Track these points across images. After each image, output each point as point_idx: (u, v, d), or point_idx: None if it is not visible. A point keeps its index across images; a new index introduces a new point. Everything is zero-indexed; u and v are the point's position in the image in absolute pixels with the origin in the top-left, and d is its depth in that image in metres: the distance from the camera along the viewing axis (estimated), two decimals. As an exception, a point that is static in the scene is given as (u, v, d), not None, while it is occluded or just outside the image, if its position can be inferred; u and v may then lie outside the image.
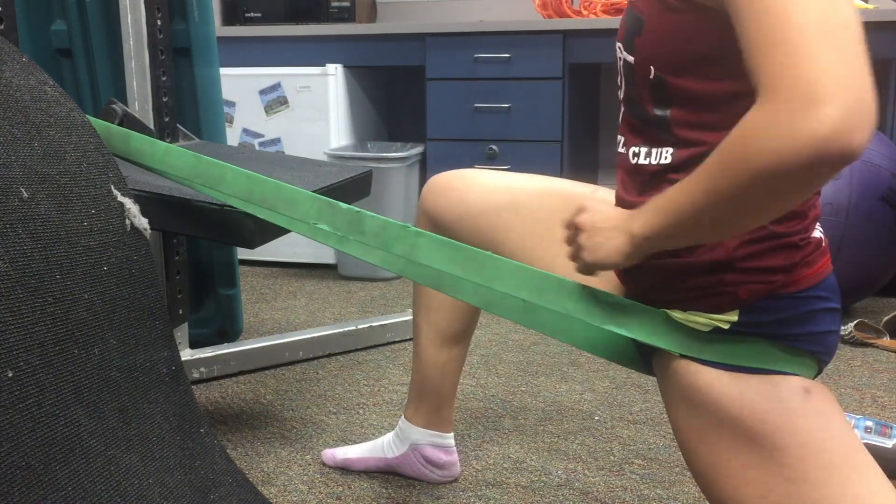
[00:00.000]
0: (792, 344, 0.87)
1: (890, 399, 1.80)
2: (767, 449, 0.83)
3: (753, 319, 0.86)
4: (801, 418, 0.84)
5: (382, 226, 1.02)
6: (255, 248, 1.39)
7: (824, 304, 0.88)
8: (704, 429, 0.87)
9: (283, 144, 2.91)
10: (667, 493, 1.41)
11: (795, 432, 0.83)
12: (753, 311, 0.86)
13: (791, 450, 0.83)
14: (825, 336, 0.88)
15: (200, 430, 1.22)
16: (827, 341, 0.89)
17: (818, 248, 0.89)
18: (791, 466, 0.82)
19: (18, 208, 0.97)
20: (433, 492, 1.42)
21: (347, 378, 1.95)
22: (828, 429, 0.84)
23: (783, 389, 0.85)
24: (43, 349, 0.95)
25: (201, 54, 1.92)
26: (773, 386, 0.85)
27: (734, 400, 0.85)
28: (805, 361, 0.88)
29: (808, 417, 0.84)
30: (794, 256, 0.85)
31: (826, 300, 0.88)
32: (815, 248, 0.88)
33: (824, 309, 0.88)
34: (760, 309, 0.86)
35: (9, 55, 1.12)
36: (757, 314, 0.86)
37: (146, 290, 1.18)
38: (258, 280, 2.87)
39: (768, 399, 0.84)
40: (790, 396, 0.85)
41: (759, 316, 0.86)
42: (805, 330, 0.86)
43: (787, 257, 0.85)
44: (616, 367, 1.99)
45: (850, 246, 2.20)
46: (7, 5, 1.37)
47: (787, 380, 0.86)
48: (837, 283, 0.91)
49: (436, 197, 1.23)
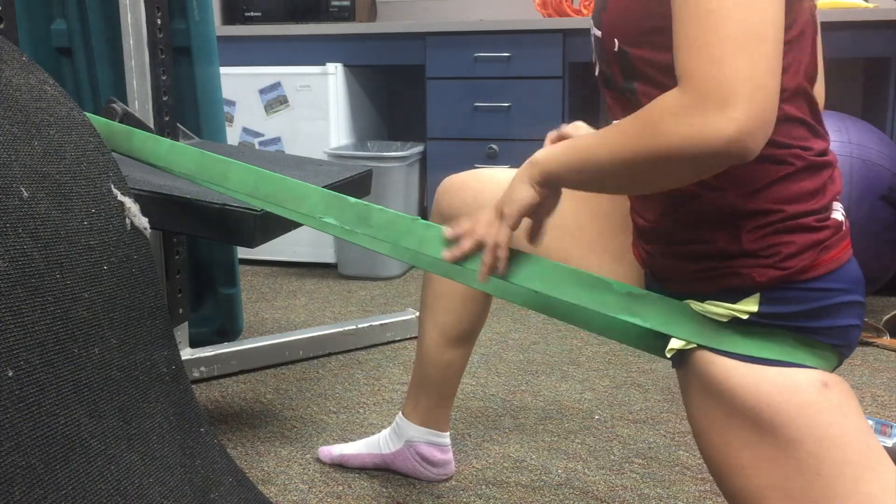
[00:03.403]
0: (812, 337, 0.85)
1: (890, 398, 1.80)
2: (781, 441, 0.83)
3: (773, 311, 0.85)
4: (817, 412, 0.83)
5: (391, 219, 1.02)
6: (256, 247, 1.38)
7: (847, 296, 0.86)
8: (719, 419, 0.87)
9: (283, 143, 2.91)
10: (667, 492, 1.41)
11: (810, 426, 0.82)
12: (773, 302, 0.84)
13: (805, 443, 0.82)
14: (847, 330, 0.87)
15: (200, 429, 1.23)
16: (849, 335, 0.87)
17: (837, 232, 0.86)
18: (804, 460, 0.82)
19: (18, 207, 0.97)
20: (433, 491, 1.42)
21: (347, 377, 1.95)
22: (843, 425, 0.83)
23: (800, 382, 0.84)
24: (43, 348, 0.95)
25: (201, 53, 1.91)
26: (790, 378, 0.84)
27: (750, 391, 0.84)
28: (825, 354, 0.86)
29: (824, 412, 0.83)
30: (809, 239, 0.84)
31: (848, 292, 0.86)
32: (835, 232, 0.86)
33: (847, 302, 0.86)
34: (780, 300, 0.84)
35: (9, 54, 1.12)
36: (777, 305, 0.84)
37: (146, 289, 1.18)
38: (258, 279, 2.87)
39: (784, 391, 0.83)
40: (807, 390, 0.84)
41: (779, 307, 0.84)
42: (827, 324, 0.85)
43: (801, 240, 0.83)
44: (616, 367, 1.99)
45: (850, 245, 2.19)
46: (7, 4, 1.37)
47: (804, 373, 0.85)
48: None
49: (451, 196, 1.24)
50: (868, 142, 2.23)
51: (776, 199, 0.83)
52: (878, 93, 2.69)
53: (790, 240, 0.83)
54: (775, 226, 0.84)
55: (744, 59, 0.71)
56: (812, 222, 0.84)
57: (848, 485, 0.81)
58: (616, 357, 2.06)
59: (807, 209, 0.84)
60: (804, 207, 0.84)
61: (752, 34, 0.72)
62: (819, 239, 0.84)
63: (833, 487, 0.81)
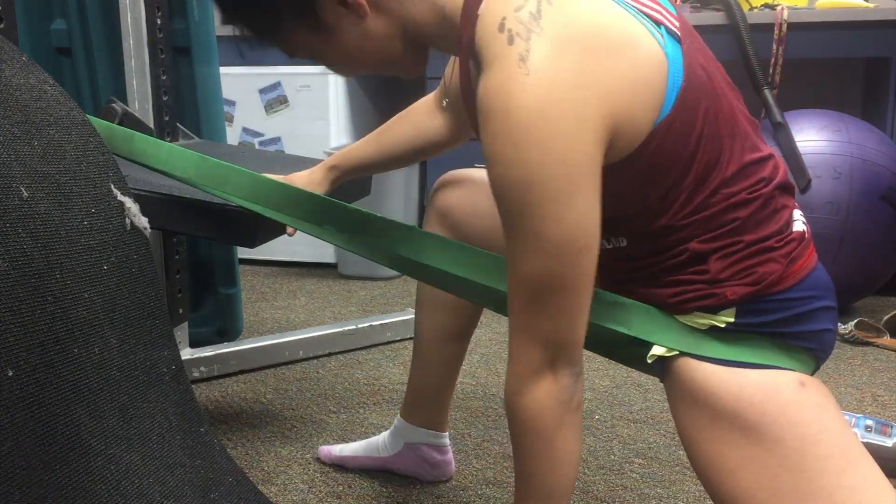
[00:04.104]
0: (789, 342, 0.88)
1: (890, 398, 1.80)
2: (766, 441, 0.84)
3: (749, 321, 0.87)
4: (797, 410, 0.85)
5: (388, 227, 1.02)
6: (256, 247, 1.38)
7: (819, 302, 0.89)
8: (705, 425, 0.88)
9: (283, 143, 2.91)
10: (667, 491, 1.41)
11: (792, 424, 0.84)
12: (748, 314, 0.87)
13: (788, 441, 0.84)
14: (821, 334, 0.90)
15: (201, 429, 1.22)
16: (823, 339, 0.90)
17: (801, 243, 0.89)
18: (789, 457, 0.83)
19: (18, 207, 0.97)
20: (433, 491, 1.42)
21: (347, 377, 1.95)
22: (823, 421, 0.85)
23: (780, 383, 0.86)
24: (43, 348, 0.94)
25: (201, 53, 1.91)
26: (770, 379, 0.87)
27: (733, 393, 0.86)
28: (802, 358, 0.89)
29: (804, 409, 0.85)
30: (774, 260, 0.86)
31: (820, 299, 0.89)
32: (798, 244, 0.89)
33: (819, 308, 0.89)
34: (755, 311, 0.87)
35: (8, 54, 1.11)
36: (752, 316, 0.87)
37: (146, 289, 1.18)
38: (258, 279, 2.87)
39: (766, 391, 0.86)
40: (787, 389, 0.86)
41: (754, 318, 0.87)
42: (802, 328, 0.88)
43: (765, 263, 0.86)
44: (616, 367, 1.99)
45: (851, 245, 2.20)
46: (7, 4, 1.37)
47: (783, 374, 0.87)
48: (832, 280, 0.92)
49: (446, 194, 1.24)
50: (868, 142, 2.23)
51: (737, 234, 0.86)
52: (878, 93, 2.69)
53: (757, 261, 0.86)
54: (741, 253, 0.86)
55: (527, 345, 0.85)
56: (774, 243, 0.87)
57: (832, 478, 0.82)
58: (616, 357, 2.06)
59: (767, 233, 0.87)
60: (761, 233, 0.86)
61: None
62: (784, 253, 0.87)
63: (818, 482, 0.82)
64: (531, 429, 0.87)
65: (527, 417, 0.86)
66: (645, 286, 0.92)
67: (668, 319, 0.91)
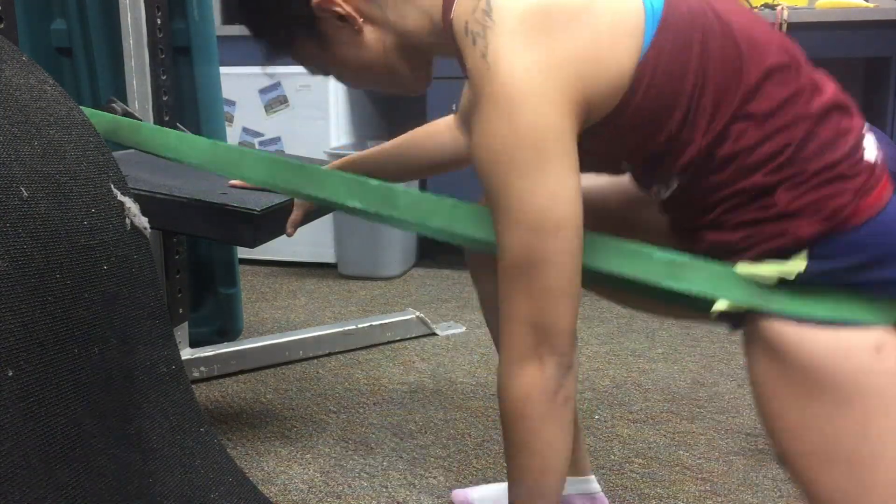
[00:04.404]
0: (866, 291, 0.83)
1: (890, 398, 1.80)
2: (830, 403, 0.81)
3: (821, 268, 0.82)
4: (866, 376, 0.81)
5: (417, 200, 1.00)
6: (256, 247, 1.39)
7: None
8: (772, 378, 0.85)
9: (283, 143, 2.91)
10: (667, 491, 1.41)
11: (861, 392, 0.81)
12: (821, 259, 0.82)
13: (855, 408, 0.81)
14: None
15: (200, 429, 1.22)
16: None
17: (873, 173, 0.83)
18: (852, 425, 0.81)
19: (18, 207, 0.97)
20: (433, 491, 1.42)
21: (347, 377, 1.95)
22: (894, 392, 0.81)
23: (853, 347, 0.82)
24: (43, 348, 0.94)
25: (201, 53, 1.91)
26: (842, 342, 0.82)
27: (802, 353, 0.82)
28: (882, 306, 0.83)
29: (874, 375, 0.81)
30: (846, 188, 0.81)
31: None
32: (871, 174, 0.83)
33: None
34: (828, 255, 0.82)
35: (8, 54, 1.11)
36: (827, 261, 0.82)
37: (146, 289, 1.18)
38: (258, 279, 2.87)
39: (836, 356, 0.82)
40: (859, 355, 0.82)
41: (826, 263, 0.82)
42: (880, 276, 0.82)
43: (837, 191, 0.81)
44: (616, 367, 1.99)
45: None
46: (7, 4, 1.37)
47: (857, 335, 0.82)
48: None
49: None
50: (868, 142, 2.23)
51: (797, 163, 0.82)
52: (878, 93, 2.69)
53: (827, 193, 0.81)
54: (809, 183, 0.82)
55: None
56: (844, 171, 0.82)
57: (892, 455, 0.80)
58: (616, 357, 2.06)
59: (833, 159, 0.82)
60: (830, 159, 0.82)
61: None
62: (855, 186, 0.82)
63: (880, 454, 0.81)
64: (516, 417, 0.86)
65: (512, 407, 0.86)
66: (715, 232, 0.88)
67: (731, 273, 0.86)
